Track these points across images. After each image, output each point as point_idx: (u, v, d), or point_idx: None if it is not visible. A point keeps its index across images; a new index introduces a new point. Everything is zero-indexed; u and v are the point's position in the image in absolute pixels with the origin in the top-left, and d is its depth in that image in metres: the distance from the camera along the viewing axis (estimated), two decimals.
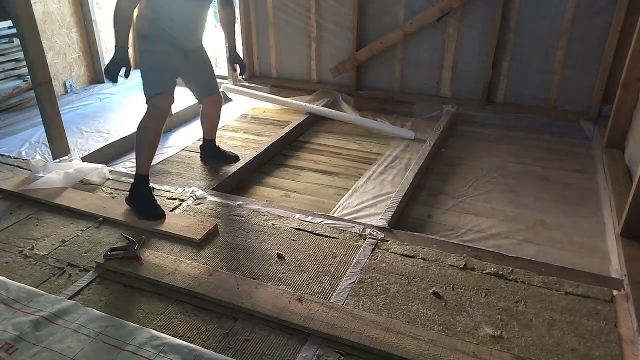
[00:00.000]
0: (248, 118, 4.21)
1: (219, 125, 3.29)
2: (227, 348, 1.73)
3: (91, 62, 4.80)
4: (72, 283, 2.07)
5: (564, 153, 3.39)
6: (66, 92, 4.57)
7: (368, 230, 2.37)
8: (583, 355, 1.68)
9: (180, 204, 2.62)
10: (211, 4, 2.71)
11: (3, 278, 2.05)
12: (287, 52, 4.59)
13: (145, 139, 2.53)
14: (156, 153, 2.62)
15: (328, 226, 2.41)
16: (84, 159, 3.15)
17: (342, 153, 3.47)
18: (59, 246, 2.32)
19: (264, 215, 2.51)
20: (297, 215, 2.50)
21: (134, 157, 2.56)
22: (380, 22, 4.09)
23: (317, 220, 2.46)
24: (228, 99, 4.58)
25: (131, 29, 2.42)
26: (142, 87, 2.58)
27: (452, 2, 3.75)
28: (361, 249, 2.24)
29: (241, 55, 4.78)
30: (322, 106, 4.09)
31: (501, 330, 1.79)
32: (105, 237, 2.38)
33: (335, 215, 2.60)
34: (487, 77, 3.88)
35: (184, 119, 4.09)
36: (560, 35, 3.60)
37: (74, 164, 2.94)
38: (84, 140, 3.72)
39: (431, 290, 1.98)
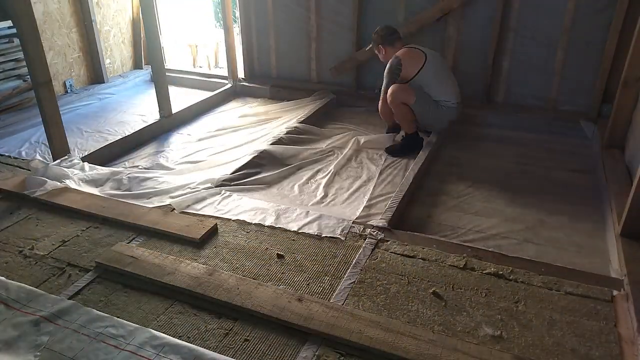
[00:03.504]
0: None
1: None
2: (227, 348, 1.73)
3: (91, 62, 4.80)
4: (72, 283, 2.07)
5: (564, 153, 3.39)
6: (66, 92, 4.57)
7: (368, 230, 2.37)
8: (583, 355, 1.68)
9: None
10: None
11: (3, 278, 2.05)
12: (287, 52, 4.59)
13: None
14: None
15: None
16: (83, 159, 3.15)
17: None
18: (59, 246, 2.32)
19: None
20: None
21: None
22: (380, 22, 4.08)
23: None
24: (235, 97, 4.60)
25: None
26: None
27: (452, 2, 3.75)
28: (361, 249, 2.24)
29: (240, 55, 4.80)
30: (321, 107, 4.10)
31: (501, 330, 1.79)
32: (105, 237, 2.38)
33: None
34: (487, 77, 3.88)
35: (183, 119, 4.10)
36: (561, 35, 3.60)
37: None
38: (84, 140, 3.72)
39: (431, 290, 1.98)
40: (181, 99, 4.39)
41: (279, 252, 2.23)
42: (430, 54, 3.32)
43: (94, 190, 2.78)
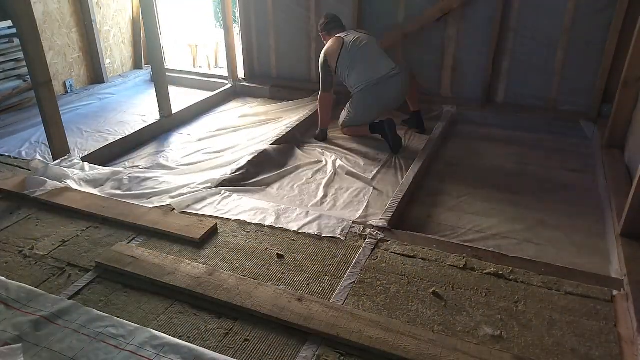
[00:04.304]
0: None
1: None
2: (227, 348, 1.73)
3: (91, 62, 4.80)
4: (72, 283, 2.07)
5: (564, 153, 3.39)
6: (66, 92, 4.57)
7: (368, 230, 2.37)
8: (583, 355, 1.68)
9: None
10: None
11: (3, 278, 2.05)
12: (287, 52, 4.59)
13: None
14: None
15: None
16: (84, 159, 3.15)
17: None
18: (59, 246, 2.32)
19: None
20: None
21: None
22: (380, 22, 4.09)
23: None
24: (235, 97, 4.60)
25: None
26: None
27: (452, 2, 3.75)
28: (361, 249, 2.24)
29: (240, 55, 4.80)
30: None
31: (501, 330, 1.79)
32: (105, 237, 2.38)
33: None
34: (487, 77, 3.88)
35: (182, 119, 4.10)
36: (561, 35, 3.60)
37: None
38: (84, 140, 3.72)
39: (431, 290, 1.98)
40: (181, 99, 4.39)
41: (279, 252, 2.23)
42: (347, 39, 3.41)
43: (94, 190, 2.78)
